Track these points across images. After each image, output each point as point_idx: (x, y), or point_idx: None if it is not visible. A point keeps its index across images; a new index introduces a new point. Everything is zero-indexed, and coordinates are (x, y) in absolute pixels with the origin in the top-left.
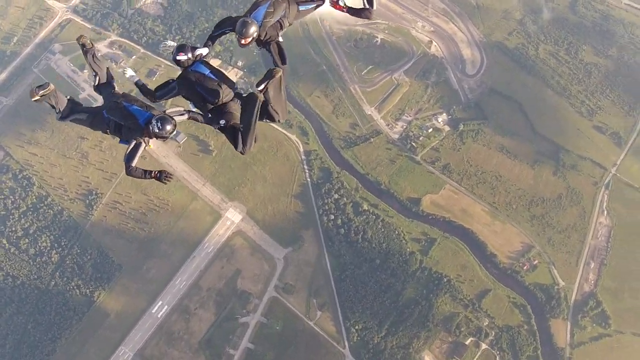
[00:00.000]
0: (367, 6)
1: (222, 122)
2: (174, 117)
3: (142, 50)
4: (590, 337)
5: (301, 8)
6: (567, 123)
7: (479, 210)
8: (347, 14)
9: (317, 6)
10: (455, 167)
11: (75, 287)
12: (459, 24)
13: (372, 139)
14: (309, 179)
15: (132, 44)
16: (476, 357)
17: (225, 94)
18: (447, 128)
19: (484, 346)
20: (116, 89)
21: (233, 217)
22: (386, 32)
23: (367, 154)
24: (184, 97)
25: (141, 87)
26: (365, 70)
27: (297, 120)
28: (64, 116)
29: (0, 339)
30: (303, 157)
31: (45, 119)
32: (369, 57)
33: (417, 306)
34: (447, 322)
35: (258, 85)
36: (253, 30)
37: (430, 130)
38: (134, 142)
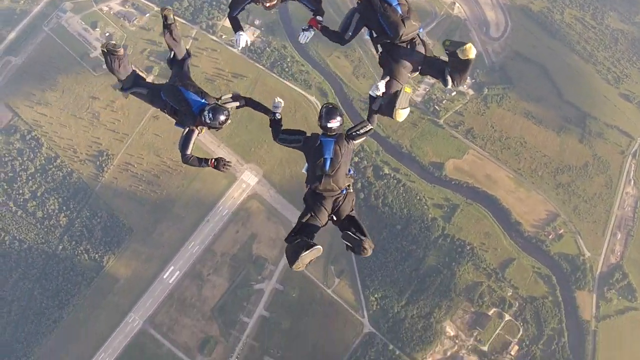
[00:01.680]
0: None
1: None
2: (228, 107)
3: (155, 8)
4: (616, 310)
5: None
6: (593, 90)
7: (503, 176)
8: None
9: None
10: (479, 131)
11: (83, 252)
12: None
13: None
14: None
15: (145, 1)
16: (499, 328)
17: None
18: (470, 92)
19: (507, 317)
20: (185, 69)
21: (249, 179)
22: None
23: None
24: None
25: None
26: None
27: (316, 81)
28: (125, 87)
29: (6, 305)
30: None
31: (55, 79)
32: None
33: (438, 275)
34: (469, 292)
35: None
36: None
37: (454, 93)
38: (187, 130)
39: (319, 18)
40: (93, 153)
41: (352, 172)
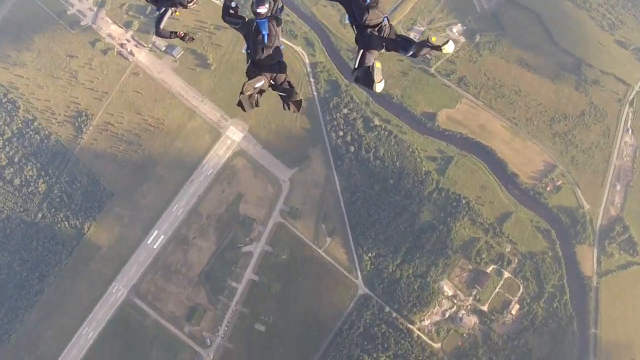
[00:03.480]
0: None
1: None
2: None
3: None
4: (618, 265)
5: None
6: (588, 36)
7: (498, 126)
8: None
9: None
10: (472, 80)
11: (64, 219)
12: None
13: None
14: (315, 93)
15: None
16: (499, 286)
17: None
18: (462, 39)
19: (506, 274)
20: None
21: (234, 135)
22: None
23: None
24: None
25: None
26: None
27: (302, 31)
28: None
29: None
30: (309, 69)
31: (31, 39)
32: None
33: (434, 231)
34: (466, 249)
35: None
36: None
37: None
38: (162, 9)
39: None
40: (71, 114)
41: (282, 46)
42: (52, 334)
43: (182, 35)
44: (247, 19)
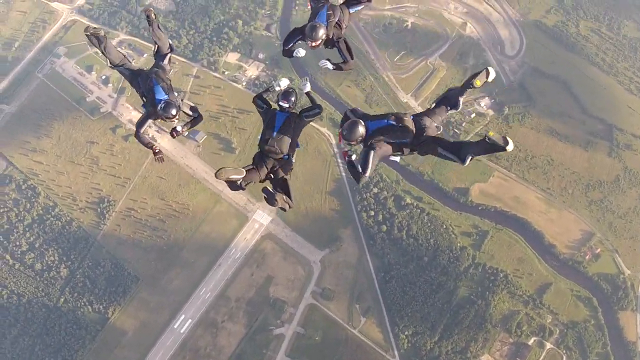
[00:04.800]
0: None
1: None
2: (183, 109)
3: (152, 48)
4: None
5: (351, 10)
6: (617, 101)
7: (532, 197)
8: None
9: (364, 5)
10: (504, 153)
11: (87, 304)
12: (493, 3)
13: None
14: (344, 174)
15: (143, 42)
16: (541, 358)
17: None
18: (490, 112)
19: (548, 345)
20: (164, 63)
21: (261, 219)
22: (416, 15)
23: None
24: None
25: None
26: (398, 57)
27: (327, 112)
28: (113, 65)
29: None
30: (336, 150)
31: (51, 126)
32: (400, 42)
33: (472, 306)
34: (506, 322)
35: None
36: (322, 32)
37: (473, 115)
38: (146, 114)
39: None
40: (93, 200)
41: (299, 146)
42: None
43: (156, 150)
44: (271, 107)
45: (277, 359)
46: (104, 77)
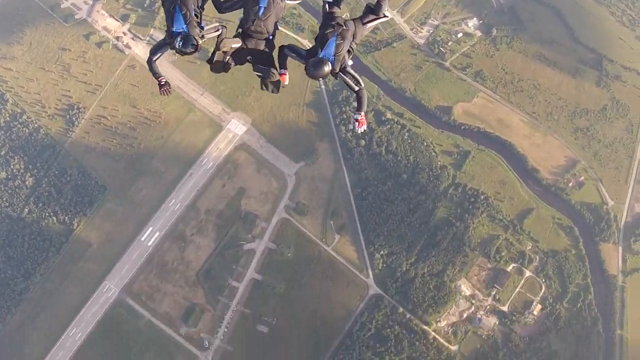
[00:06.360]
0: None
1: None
2: (204, 36)
3: None
4: None
5: (368, 26)
6: (608, 32)
7: (516, 120)
8: None
9: (382, 20)
10: (489, 74)
11: (52, 214)
12: None
13: (394, 44)
14: (323, 86)
15: None
16: (519, 285)
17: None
18: (478, 33)
19: (527, 273)
20: None
21: (236, 128)
22: None
23: (389, 59)
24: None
25: None
26: None
27: (310, 24)
28: None
29: None
30: None
31: (23, 32)
32: None
33: (450, 228)
34: (485, 246)
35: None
36: (327, 70)
37: (460, 35)
38: (162, 41)
39: None
40: (63, 107)
41: (278, 28)
42: (38, 335)
43: (162, 82)
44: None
45: (247, 275)
46: None
